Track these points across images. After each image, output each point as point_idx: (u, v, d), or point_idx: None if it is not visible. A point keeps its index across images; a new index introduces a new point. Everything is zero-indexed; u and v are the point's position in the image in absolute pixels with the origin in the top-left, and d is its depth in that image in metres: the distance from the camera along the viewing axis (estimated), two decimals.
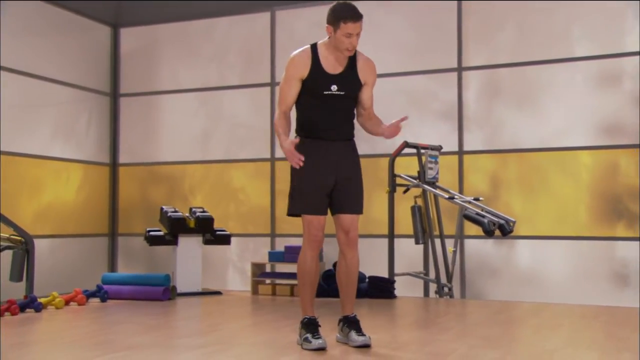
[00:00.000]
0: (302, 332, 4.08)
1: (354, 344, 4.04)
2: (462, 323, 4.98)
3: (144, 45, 9.10)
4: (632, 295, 6.98)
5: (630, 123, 7.11)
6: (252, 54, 8.58)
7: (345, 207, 4.08)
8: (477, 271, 7.54)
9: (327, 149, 4.05)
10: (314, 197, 4.02)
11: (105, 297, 6.23)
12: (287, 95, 4.10)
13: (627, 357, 3.76)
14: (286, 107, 4.12)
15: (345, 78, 4.07)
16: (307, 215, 4.05)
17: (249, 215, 8.46)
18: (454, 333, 4.54)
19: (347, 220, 4.09)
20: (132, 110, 9.11)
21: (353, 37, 3.99)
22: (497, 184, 7.54)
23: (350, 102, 4.14)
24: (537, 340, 4.32)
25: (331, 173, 4.04)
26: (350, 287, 4.16)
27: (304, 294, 4.14)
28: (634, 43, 7.13)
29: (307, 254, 4.09)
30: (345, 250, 4.12)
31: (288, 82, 4.10)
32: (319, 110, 4.05)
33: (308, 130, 4.09)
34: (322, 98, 4.03)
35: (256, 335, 4.51)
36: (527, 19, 7.51)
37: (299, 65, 4.07)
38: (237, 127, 8.59)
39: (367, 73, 4.15)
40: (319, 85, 4.03)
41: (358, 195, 4.14)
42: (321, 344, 3.96)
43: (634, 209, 7.04)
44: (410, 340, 4.29)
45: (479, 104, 7.65)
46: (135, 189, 9.03)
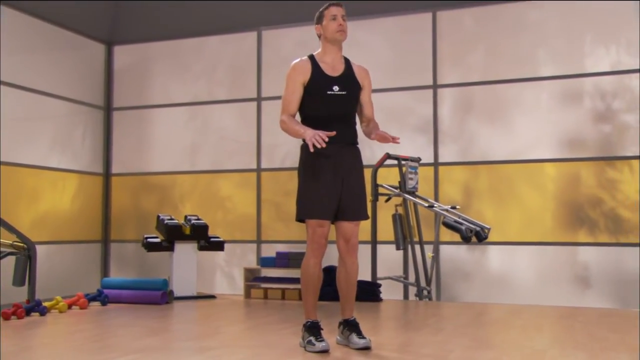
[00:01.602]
0: (306, 335, 3.93)
1: (355, 346, 3.90)
2: (451, 325, 4.88)
3: (137, 61, 8.89)
4: (593, 296, 6.98)
5: (590, 138, 7.13)
6: (240, 70, 8.43)
7: (347, 214, 3.92)
8: (452, 275, 7.47)
9: (335, 154, 3.87)
10: (321, 203, 3.84)
11: (105, 301, 6.01)
12: (291, 100, 3.92)
13: (612, 356, 3.70)
14: (290, 112, 3.92)
15: (345, 79, 3.94)
16: (311, 221, 3.87)
17: (236, 222, 8.28)
18: (446, 335, 4.44)
19: (349, 227, 3.93)
20: (125, 123, 8.89)
21: (339, 18, 3.92)
22: (469, 194, 7.49)
23: (353, 104, 3.98)
24: (525, 341, 4.23)
25: (338, 179, 3.88)
26: (350, 292, 4.01)
27: (307, 299, 3.98)
28: (592, 65, 7.17)
29: (310, 260, 3.92)
30: (345, 257, 3.97)
31: (291, 88, 3.93)
32: (323, 112, 3.88)
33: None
34: (325, 99, 3.87)
35: (258, 338, 4.35)
36: (497, 41, 7.50)
37: (301, 70, 3.93)
38: (225, 140, 8.42)
39: (363, 76, 4.04)
40: (322, 87, 3.88)
41: (361, 203, 3.97)
42: (324, 346, 3.82)
43: (594, 216, 7.04)
44: (406, 342, 4.17)
45: (452, 119, 7.61)
46: (127, 197, 8.80)
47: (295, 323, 4.99)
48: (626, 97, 7.03)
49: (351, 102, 3.97)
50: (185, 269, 6.52)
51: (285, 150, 8.18)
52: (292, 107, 3.93)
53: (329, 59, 3.96)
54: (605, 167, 7.06)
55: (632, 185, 6.95)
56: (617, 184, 7.01)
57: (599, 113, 7.12)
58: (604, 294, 6.95)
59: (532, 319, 5.20)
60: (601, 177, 7.06)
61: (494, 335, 4.46)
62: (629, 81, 7.03)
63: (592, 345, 4.04)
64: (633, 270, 6.88)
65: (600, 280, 6.99)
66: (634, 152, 6.96)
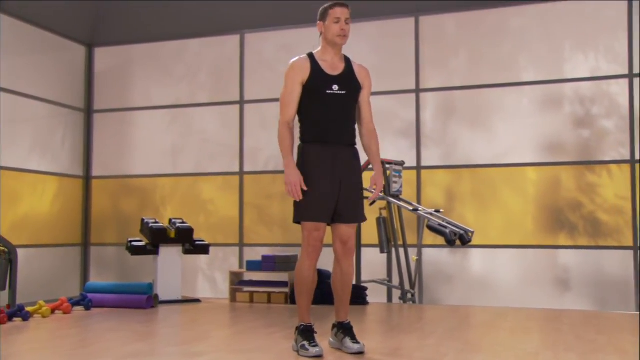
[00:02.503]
0: (299, 339, 3.88)
1: (349, 351, 3.86)
2: (440, 328, 4.86)
3: (118, 64, 8.77)
4: (573, 298, 7.03)
5: (570, 142, 7.19)
6: (222, 73, 8.36)
7: (345, 216, 3.85)
8: (434, 278, 7.48)
9: (333, 156, 3.81)
10: (318, 205, 3.77)
11: (89, 305, 5.89)
12: (290, 100, 3.84)
13: (603, 358, 3.71)
14: (289, 115, 3.84)
15: (345, 78, 3.87)
16: (307, 224, 3.80)
17: (218, 225, 8.20)
18: (437, 338, 4.42)
19: (346, 230, 3.87)
20: (106, 125, 8.75)
21: (342, 21, 3.86)
22: (452, 197, 7.50)
23: (352, 104, 3.91)
24: (516, 343, 4.23)
25: (336, 181, 3.81)
26: (345, 295, 3.97)
27: (301, 302, 3.92)
28: (572, 71, 7.23)
29: (305, 262, 3.85)
30: (342, 260, 3.91)
31: (289, 87, 3.85)
32: (323, 111, 3.81)
33: (313, 134, 3.84)
34: (324, 98, 3.81)
35: (248, 342, 4.29)
36: (479, 47, 7.53)
37: (300, 68, 3.84)
38: (207, 143, 8.34)
39: (363, 76, 3.97)
40: (321, 86, 3.81)
41: (358, 205, 3.90)
42: (318, 351, 3.76)
43: (574, 220, 7.10)
44: (398, 346, 4.14)
45: (435, 123, 7.62)
46: (107, 200, 8.66)
47: (284, 327, 4.94)
48: (605, 103, 7.11)
49: (351, 101, 3.90)
50: (170, 273, 6.43)
51: (268, 153, 8.12)
52: (290, 109, 3.85)
53: (328, 58, 3.90)
54: (584, 171, 7.13)
55: (611, 189, 7.02)
56: (596, 188, 7.08)
57: (579, 118, 7.18)
58: (583, 296, 7.01)
59: (519, 321, 5.21)
60: (581, 181, 7.12)
61: (484, 338, 4.45)
62: (608, 87, 7.11)
63: (582, 347, 4.06)
64: (611, 273, 6.95)
65: (580, 282, 7.04)
66: (612, 157, 7.04)
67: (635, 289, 6.85)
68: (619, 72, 7.07)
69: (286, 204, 7.97)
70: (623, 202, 6.96)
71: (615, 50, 7.09)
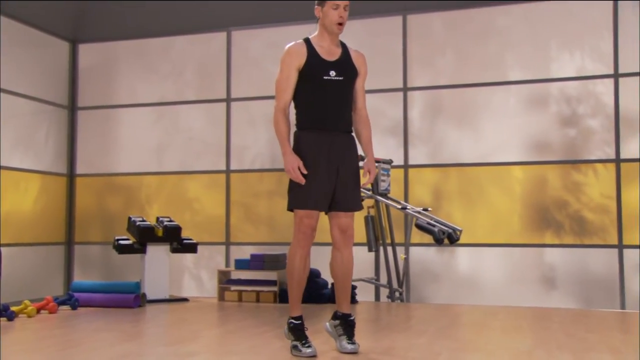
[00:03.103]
0: (291, 337, 3.82)
1: (343, 350, 3.81)
2: (432, 327, 4.84)
3: (102, 60, 8.65)
4: (559, 297, 7.06)
5: (556, 141, 7.22)
6: (209, 71, 8.28)
7: (343, 204, 3.78)
8: (421, 276, 7.47)
9: (330, 143, 3.74)
10: (312, 193, 3.70)
11: (76, 304, 5.79)
12: (285, 86, 3.75)
13: (596, 356, 3.71)
14: (285, 101, 3.76)
15: (342, 64, 3.79)
16: (299, 211, 3.73)
17: (204, 224, 8.13)
18: (429, 337, 4.39)
19: (345, 218, 3.79)
20: (90, 123, 8.64)
21: (340, 9, 3.76)
22: (439, 196, 7.50)
23: (349, 90, 3.82)
24: (508, 342, 4.22)
25: (332, 168, 3.74)
26: (347, 284, 3.88)
27: (291, 292, 3.85)
28: (558, 70, 7.26)
29: (297, 252, 3.77)
30: (342, 248, 3.83)
31: (285, 73, 3.76)
32: (319, 97, 3.73)
33: (309, 121, 3.77)
34: (321, 84, 3.73)
35: (240, 342, 4.23)
36: (466, 46, 7.54)
37: (296, 53, 3.75)
38: (193, 140, 8.26)
39: (360, 62, 3.89)
40: (318, 71, 3.72)
41: (355, 192, 3.83)
42: (311, 352, 3.70)
43: (560, 218, 7.13)
44: (391, 345, 4.11)
45: (422, 122, 7.61)
46: (91, 198, 8.55)
47: (274, 326, 4.90)
48: (590, 102, 7.14)
49: (348, 88, 3.82)
50: (157, 272, 6.35)
51: (255, 151, 8.06)
52: (286, 95, 3.77)
53: (325, 43, 3.82)
54: (570, 170, 7.16)
55: (596, 188, 7.06)
56: (582, 186, 7.11)
57: (565, 117, 7.21)
58: (568, 294, 7.04)
59: (509, 320, 5.21)
60: (566, 180, 7.15)
61: (476, 337, 4.44)
62: (593, 87, 7.14)
63: (574, 345, 4.06)
64: (597, 271, 6.98)
65: (565, 281, 7.08)
66: (598, 156, 7.07)
67: (619, 287, 6.90)
68: (604, 71, 7.11)
69: (273, 202, 7.93)
70: (608, 200, 7.00)
71: (601, 50, 7.12)
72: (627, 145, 7.00)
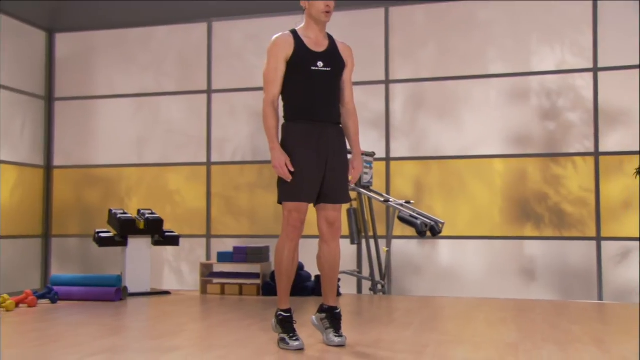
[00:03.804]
0: (279, 330, 3.80)
1: (330, 343, 3.79)
2: (417, 319, 4.84)
3: (80, 50, 8.51)
4: (538, 288, 7.12)
5: (536, 135, 7.26)
6: (189, 62, 8.19)
7: (331, 197, 3.76)
8: (402, 269, 7.48)
9: (319, 135, 3.72)
10: (301, 185, 3.67)
11: (55, 298, 5.69)
12: (274, 78, 3.72)
13: (581, 348, 3.74)
14: (273, 94, 3.73)
15: (329, 55, 3.77)
16: (288, 204, 3.70)
17: (185, 217, 8.05)
18: (415, 330, 4.40)
19: (332, 211, 3.78)
20: (67, 114, 8.50)
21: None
22: (420, 188, 7.51)
23: (337, 81, 3.80)
24: (494, 334, 4.24)
25: (321, 160, 3.72)
26: (334, 277, 3.86)
27: (280, 284, 3.81)
28: (538, 64, 7.30)
29: (286, 244, 3.74)
30: (329, 241, 3.81)
31: (273, 64, 3.73)
32: (307, 89, 3.71)
33: (297, 112, 3.74)
34: (309, 75, 3.70)
35: (226, 336, 4.19)
36: (447, 38, 7.54)
37: (283, 44, 3.72)
38: (174, 132, 8.17)
39: (347, 55, 3.87)
40: (305, 62, 3.70)
41: (344, 185, 3.82)
42: (298, 345, 3.68)
43: (540, 211, 7.18)
44: (378, 338, 4.10)
45: (404, 115, 7.61)
46: (69, 191, 8.42)
47: (259, 319, 4.87)
48: (570, 96, 7.19)
49: (336, 79, 3.80)
50: (138, 265, 6.27)
51: (236, 143, 8.00)
52: (274, 87, 3.74)
53: (312, 34, 3.79)
54: (550, 163, 7.21)
55: (575, 181, 7.12)
56: (561, 179, 7.17)
57: (545, 111, 7.25)
58: (548, 286, 7.10)
59: (493, 312, 5.23)
60: (546, 173, 7.20)
61: (461, 329, 4.45)
62: (573, 81, 7.19)
63: (559, 337, 4.08)
64: (575, 263, 7.05)
65: (545, 273, 7.14)
66: (577, 149, 7.13)
67: (597, 278, 6.98)
68: (584, 65, 7.16)
69: (254, 195, 7.88)
70: (587, 193, 7.07)
71: (581, 44, 7.17)
72: (606, 139, 7.06)
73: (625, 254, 6.96)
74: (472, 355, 3.56)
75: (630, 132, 6.98)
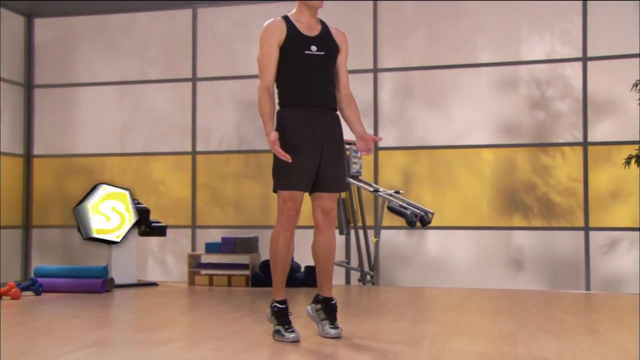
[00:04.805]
0: (274, 321, 3.77)
1: (326, 335, 3.77)
2: (410, 310, 4.85)
3: (60, 36, 8.37)
4: (526, 278, 7.17)
5: (526, 124, 7.30)
6: (174, 49, 8.09)
7: (326, 185, 3.72)
8: (390, 259, 7.49)
9: (314, 122, 3.67)
10: (296, 173, 3.63)
11: (40, 290, 5.61)
12: (267, 64, 3.68)
13: (577, 338, 3.76)
14: (269, 79, 3.68)
15: (322, 39, 3.74)
16: (283, 192, 3.67)
17: (170, 207, 7.98)
18: (410, 321, 4.40)
19: (328, 199, 3.74)
20: (48, 101, 8.37)
21: None
22: (409, 178, 7.51)
23: (331, 65, 3.76)
24: (489, 324, 4.26)
25: (317, 148, 3.67)
26: (329, 267, 3.83)
27: (275, 275, 3.77)
28: (528, 53, 7.32)
29: (280, 233, 3.70)
30: (324, 230, 3.78)
31: (266, 50, 3.68)
32: (301, 73, 3.67)
33: (292, 98, 3.70)
34: (303, 60, 3.66)
35: (219, 328, 4.16)
36: (436, 27, 7.53)
37: (275, 30, 3.68)
38: (158, 121, 8.08)
39: (341, 39, 3.85)
40: (299, 46, 3.66)
41: (340, 173, 3.78)
42: (294, 337, 3.66)
43: (528, 201, 7.23)
44: (373, 329, 4.09)
45: (392, 104, 7.60)
46: (50, 180, 8.31)
47: (251, 310, 4.84)
48: (559, 86, 7.23)
49: (330, 63, 3.76)
50: (125, 256, 6.20)
51: (222, 133, 7.94)
52: (269, 73, 3.69)
53: (304, 19, 3.75)
54: (539, 153, 7.25)
55: (564, 171, 7.17)
56: (550, 169, 7.21)
57: (534, 100, 7.29)
58: (536, 276, 7.16)
59: (485, 302, 5.25)
60: (535, 163, 7.24)
61: (456, 320, 4.46)
62: (562, 70, 7.23)
63: (554, 327, 4.11)
64: (563, 253, 7.11)
65: (533, 263, 7.19)
66: (566, 139, 7.18)
67: (585, 268, 7.04)
68: (573, 54, 7.19)
69: (240, 185, 7.83)
70: (575, 184, 7.12)
71: (570, 33, 7.20)
72: (595, 129, 7.11)
73: (612, 244, 7.03)
74: (470, 346, 3.57)
75: (619, 122, 7.04)
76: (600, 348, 3.48)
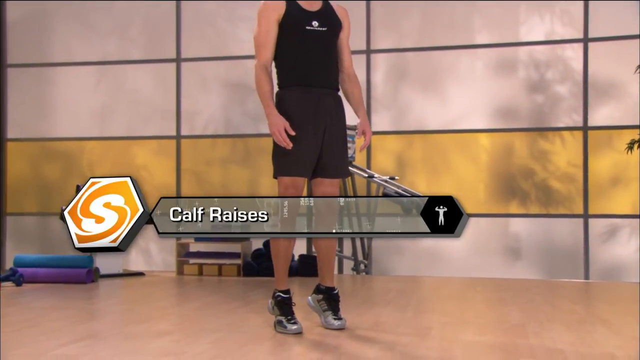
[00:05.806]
0: (276, 312, 3.70)
1: (330, 327, 3.71)
2: (413, 300, 4.82)
3: (34, 14, 8.17)
4: (523, 267, 7.18)
5: (524, 108, 7.28)
6: (157, 29, 7.94)
7: (328, 170, 3.63)
8: (383, 248, 7.46)
9: (316, 103, 3.57)
10: (297, 158, 3.54)
11: (20, 280, 5.49)
12: (265, 41, 3.57)
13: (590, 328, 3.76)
14: (266, 57, 3.58)
15: (324, 14, 3.64)
16: (283, 178, 3.59)
17: (153, 193, 7.82)
18: (414, 311, 4.36)
19: (330, 185, 3.66)
20: (22, 82, 8.17)
21: None
22: (403, 164, 7.47)
23: (334, 42, 3.67)
24: (497, 315, 4.24)
25: (319, 131, 3.58)
26: (331, 256, 3.77)
27: (277, 265, 3.70)
28: (526, 33, 7.29)
29: None
30: None
31: (264, 27, 3.57)
32: (302, 50, 3.57)
33: (293, 77, 3.60)
34: (304, 36, 3.56)
35: (217, 319, 4.09)
36: (432, 6, 7.46)
37: (274, 5, 3.57)
38: (140, 103, 7.94)
39: (343, 15, 3.74)
40: (299, 21, 3.56)
41: (343, 158, 3.69)
42: (297, 329, 3.59)
43: (526, 188, 7.23)
44: (377, 320, 4.04)
45: (386, 86, 7.54)
46: (25, 165, 8.14)
47: (245, 301, 4.78)
48: (559, 68, 7.21)
49: (333, 40, 3.66)
50: None
51: (207, 116, 7.82)
52: (266, 51, 3.59)
53: None
54: (537, 138, 7.24)
55: (563, 156, 7.17)
56: (548, 155, 7.21)
57: (533, 83, 7.26)
58: (533, 264, 7.17)
59: (489, 292, 5.24)
60: (533, 148, 7.23)
61: (462, 310, 4.44)
62: (562, 52, 7.21)
63: (564, 317, 4.09)
64: (562, 241, 7.13)
65: (530, 251, 7.20)
66: (565, 123, 7.17)
67: (583, 257, 7.06)
68: (574, 36, 7.17)
69: (227, 171, 7.74)
70: (575, 169, 7.12)
71: (571, 14, 7.17)
72: (595, 113, 7.11)
73: (612, 232, 7.06)
74: (481, 337, 3.54)
75: (620, 105, 7.04)
76: (616, 339, 3.47)
